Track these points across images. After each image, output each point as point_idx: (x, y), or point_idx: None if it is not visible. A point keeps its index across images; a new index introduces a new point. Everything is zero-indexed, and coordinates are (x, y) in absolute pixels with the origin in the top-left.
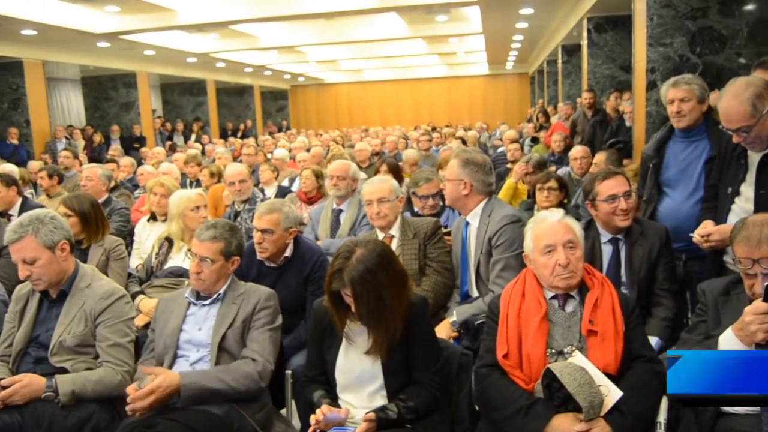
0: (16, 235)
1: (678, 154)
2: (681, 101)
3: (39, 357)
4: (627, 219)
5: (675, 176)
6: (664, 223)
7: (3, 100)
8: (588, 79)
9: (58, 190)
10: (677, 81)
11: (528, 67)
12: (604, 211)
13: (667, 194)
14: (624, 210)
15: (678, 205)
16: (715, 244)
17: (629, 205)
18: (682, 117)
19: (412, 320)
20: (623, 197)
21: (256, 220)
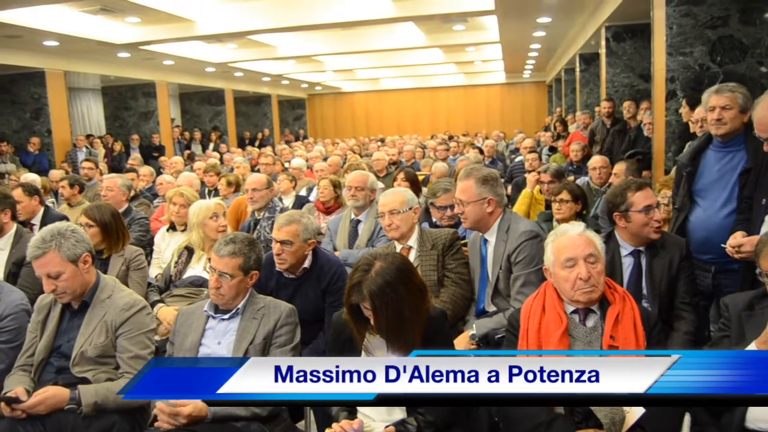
0: (40, 250)
1: (713, 163)
2: (723, 109)
3: (61, 367)
4: (659, 230)
5: (708, 186)
6: (695, 234)
7: (25, 110)
8: (606, 88)
9: (79, 199)
10: (720, 88)
11: (545, 75)
12: (638, 223)
13: (699, 204)
14: (658, 221)
15: (709, 216)
16: (746, 255)
17: (663, 216)
18: (722, 125)
19: (431, 333)
20: (656, 208)
21: (276, 231)
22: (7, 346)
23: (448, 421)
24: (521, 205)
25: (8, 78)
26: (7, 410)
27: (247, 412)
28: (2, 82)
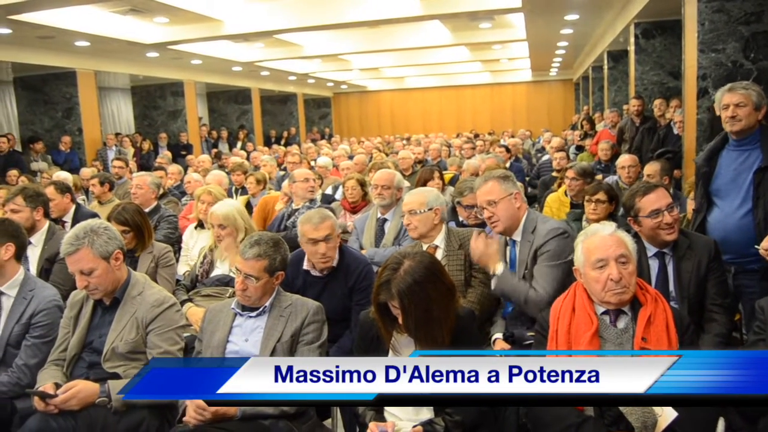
0: (73, 247)
1: (729, 163)
2: (736, 106)
3: (92, 362)
4: (673, 232)
5: (724, 186)
6: (713, 234)
7: (57, 109)
8: (635, 86)
9: (109, 196)
10: (733, 86)
11: (572, 73)
12: (648, 227)
13: (716, 204)
14: (669, 224)
15: (726, 216)
16: None
17: (674, 218)
18: (736, 122)
19: (459, 333)
20: (667, 211)
21: (313, 231)
22: (40, 341)
23: (476, 421)
24: (551, 206)
25: (41, 78)
26: (41, 405)
27: (276, 410)
28: (35, 82)
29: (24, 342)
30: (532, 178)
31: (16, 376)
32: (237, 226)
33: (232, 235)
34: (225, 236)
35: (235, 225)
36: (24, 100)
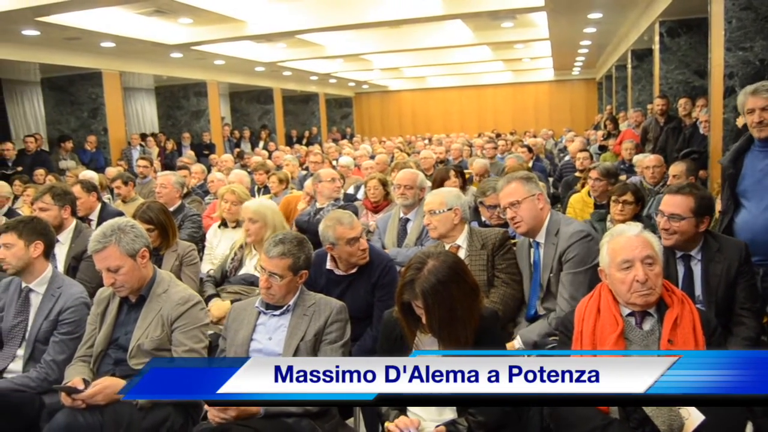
0: (100, 244)
1: (756, 164)
2: (763, 110)
3: (118, 358)
4: (669, 238)
5: (751, 187)
6: (740, 236)
7: (83, 109)
8: (660, 85)
9: (132, 195)
10: (757, 89)
11: (595, 72)
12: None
13: (744, 206)
14: (665, 228)
15: (754, 217)
16: None
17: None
18: (764, 126)
19: (482, 333)
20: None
21: (350, 230)
22: (67, 338)
23: (499, 422)
24: (575, 206)
25: (67, 79)
26: (68, 400)
27: (299, 409)
28: (62, 83)
29: (52, 338)
30: (555, 179)
31: (44, 371)
32: (267, 222)
33: (263, 229)
34: (255, 231)
35: (265, 220)
36: (51, 101)
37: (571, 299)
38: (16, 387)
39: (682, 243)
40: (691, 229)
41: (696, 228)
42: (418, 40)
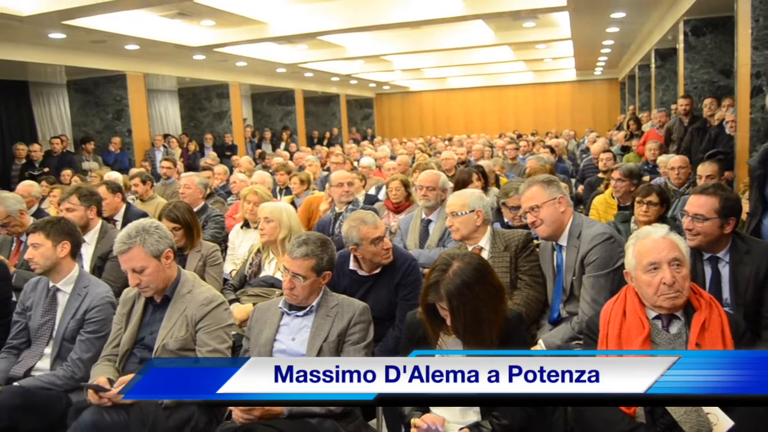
0: (125, 245)
1: None
2: None
3: (144, 358)
4: (693, 239)
5: None
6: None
7: (108, 111)
8: (684, 85)
9: (151, 194)
10: None
11: (618, 72)
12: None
13: None
14: (689, 228)
15: None
16: None
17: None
18: None
19: (507, 336)
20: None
21: (374, 230)
22: (93, 336)
23: (523, 425)
24: (598, 208)
25: (92, 81)
26: (95, 398)
27: (322, 409)
28: (87, 85)
29: (78, 337)
30: (577, 180)
31: (71, 369)
32: (282, 222)
33: (277, 230)
34: (269, 231)
35: (280, 220)
36: (77, 103)
37: (593, 303)
38: (44, 385)
39: (706, 244)
40: (715, 231)
41: (721, 229)
42: (439, 40)
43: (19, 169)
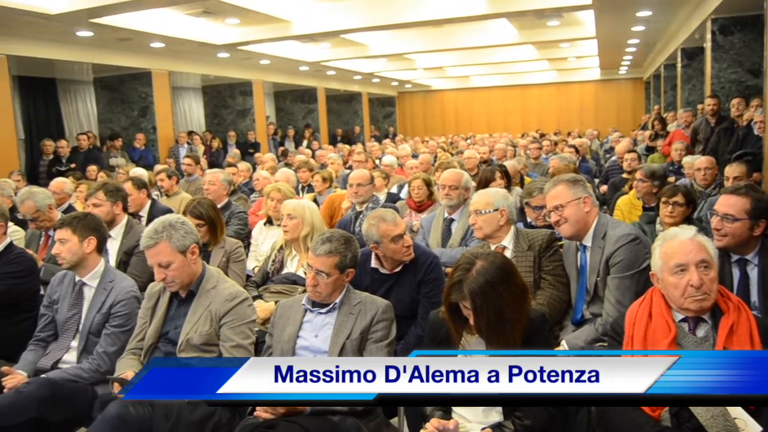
0: (152, 240)
1: None
2: None
3: (168, 352)
4: (720, 239)
5: None
6: None
7: (133, 108)
8: (711, 84)
9: (176, 189)
10: None
11: (643, 71)
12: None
13: None
14: (717, 228)
15: None
16: None
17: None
18: None
19: (530, 336)
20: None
21: (394, 228)
22: (118, 330)
23: (545, 426)
24: (623, 208)
25: (118, 78)
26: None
27: (345, 406)
28: (113, 83)
29: (104, 331)
30: (600, 181)
31: (96, 363)
32: (304, 219)
33: (299, 227)
34: (291, 228)
35: (303, 217)
36: (103, 100)
37: (618, 304)
38: (71, 377)
39: (734, 246)
40: (744, 232)
41: (750, 231)
42: (462, 39)
43: (47, 164)
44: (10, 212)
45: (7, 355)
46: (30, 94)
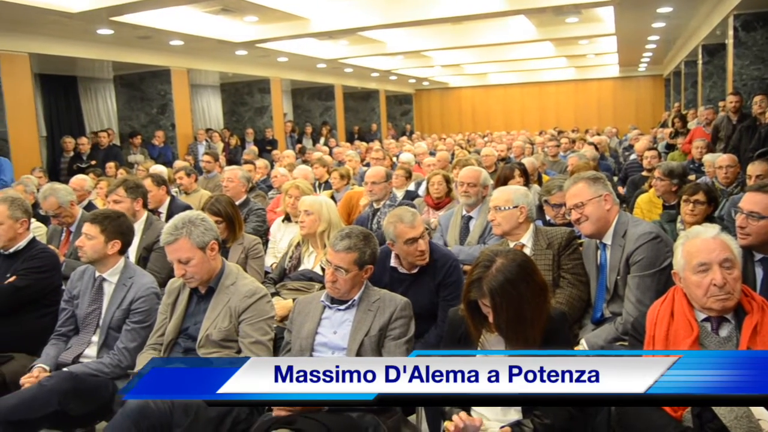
0: (172, 237)
1: None
2: None
3: (188, 348)
4: (744, 237)
5: None
6: None
7: (153, 106)
8: (733, 81)
9: (194, 187)
10: None
11: (663, 68)
12: None
13: None
14: (741, 226)
15: None
16: None
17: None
18: None
19: (550, 334)
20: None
21: (410, 230)
22: (138, 326)
23: (565, 426)
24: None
25: (138, 76)
26: None
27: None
28: (133, 80)
29: (124, 326)
30: (620, 179)
31: (117, 358)
32: (321, 215)
33: (316, 223)
34: (308, 224)
35: (320, 213)
36: (123, 97)
37: (638, 303)
38: (91, 372)
39: (758, 244)
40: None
41: None
42: (480, 36)
43: (68, 161)
44: (33, 208)
45: (30, 349)
46: (51, 92)
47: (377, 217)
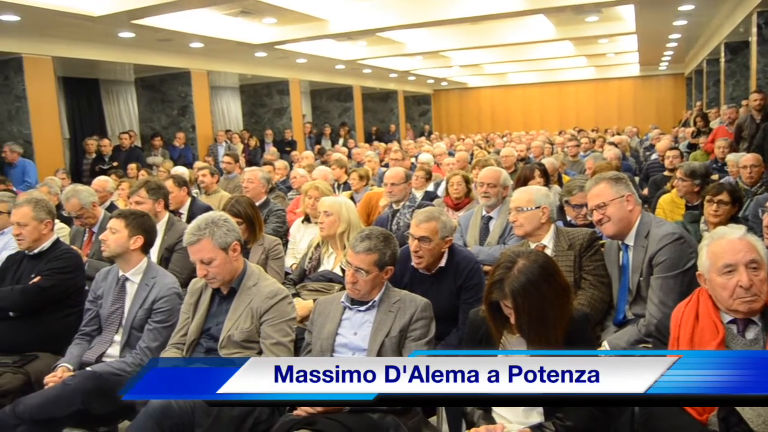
0: (195, 237)
1: None
2: None
3: (210, 348)
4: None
5: None
6: None
7: (173, 107)
8: (757, 79)
9: (215, 188)
10: None
11: (684, 67)
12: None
13: None
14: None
15: None
16: None
17: None
18: None
19: (573, 336)
20: None
21: (414, 227)
22: (161, 326)
23: (587, 428)
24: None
25: (159, 78)
26: None
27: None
28: (154, 82)
29: (146, 326)
30: (641, 179)
31: (139, 357)
32: (341, 216)
33: (336, 224)
34: (328, 225)
35: (339, 214)
36: (144, 99)
37: (662, 305)
38: (114, 371)
39: None
40: None
41: None
42: (499, 36)
43: (90, 163)
44: (56, 210)
45: (55, 348)
46: (74, 95)
47: (396, 218)
